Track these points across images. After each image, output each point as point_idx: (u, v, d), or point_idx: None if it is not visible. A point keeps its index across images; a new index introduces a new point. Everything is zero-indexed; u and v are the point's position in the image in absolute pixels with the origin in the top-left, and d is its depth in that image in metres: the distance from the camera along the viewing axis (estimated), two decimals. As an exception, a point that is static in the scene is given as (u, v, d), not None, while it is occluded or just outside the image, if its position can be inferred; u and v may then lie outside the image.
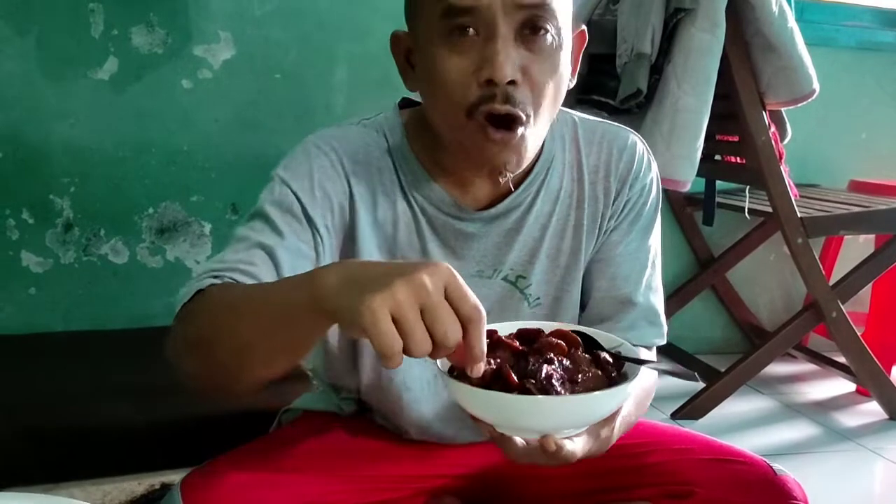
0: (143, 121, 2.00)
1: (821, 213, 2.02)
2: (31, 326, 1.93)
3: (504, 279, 1.00)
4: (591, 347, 0.80)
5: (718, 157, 2.20)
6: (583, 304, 1.05)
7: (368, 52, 2.09)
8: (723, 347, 2.57)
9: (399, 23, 0.93)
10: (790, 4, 1.85)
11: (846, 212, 2.05)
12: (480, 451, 1.04)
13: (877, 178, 2.53)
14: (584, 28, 0.94)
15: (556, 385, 0.72)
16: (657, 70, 1.88)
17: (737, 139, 2.04)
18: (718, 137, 2.10)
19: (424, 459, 1.05)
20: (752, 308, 2.64)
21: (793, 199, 1.95)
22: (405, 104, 1.01)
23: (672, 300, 2.42)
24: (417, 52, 0.90)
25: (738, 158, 2.13)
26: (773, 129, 1.95)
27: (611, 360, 0.78)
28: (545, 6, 0.84)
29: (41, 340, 1.85)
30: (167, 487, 1.30)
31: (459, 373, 0.73)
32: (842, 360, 2.22)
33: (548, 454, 0.72)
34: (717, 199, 2.19)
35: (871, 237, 2.37)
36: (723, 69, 1.83)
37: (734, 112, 1.91)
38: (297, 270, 0.87)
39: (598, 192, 1.01)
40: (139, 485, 1.33)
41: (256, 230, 0.89)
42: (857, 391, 2.29)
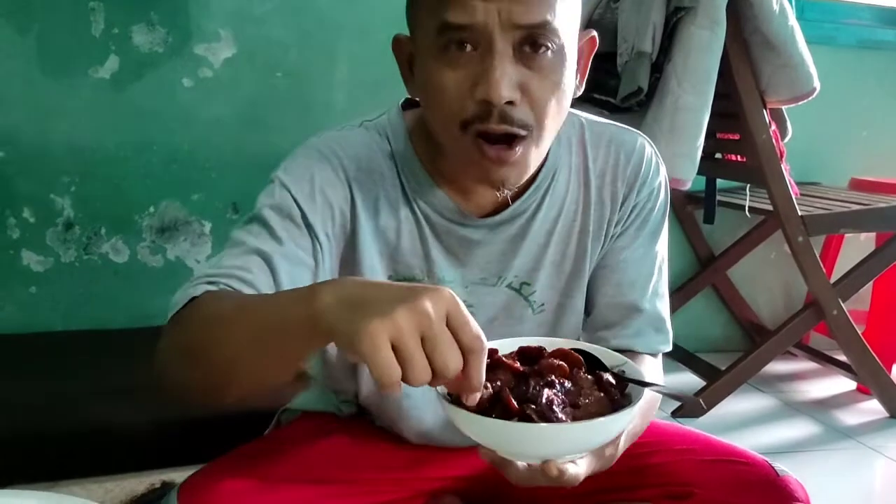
0: (144, 120, 2.00)
1: (821, 212, 2.02)
2: (32, 325, 1.94)
3: (508, 286, 0.99)
4: (594, 366, 0.78)
5: (719, 156, 2.20)
6: (588, 310, 1.03)
7: (369, 51, 2.09)
8: (723, 346, 2.56)
9: (399, 21, 0.93)
10: (790, 2, 1.85)
11: (847, 210, 2.05)
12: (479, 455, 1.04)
13: (877, 177, 2.53)
14: (595, 34, 0.92)
15: (558, 411, 0.70)
16: (658, 68, 1.88)
17: (737, 137, 2.03)
18: (719, 136, 2.10)
19: (424, 461, 1.05)
20: (753, 306, 2.64)
21: (793, 198, 1.95)
22: (407, 104, 1.00)
23: (673, 298, 2.38)
24: (418, 61, 0.88)
25: (739, 157, 2.13)
26: (774, 128, 1.94)
27: (614, 382, 0.76)
28: (545, 24, 0.80)
29: (42, 339, 1.85)
30: (168, 486, 1.30)
31: (458, 398, 0.72)
32: (842, 359, 2.22)
33: (550, 479, 0.72)
34: (718, 198, 2.19)
35: (872, 235, 2.36)
36: (723, 67, 1.82)
37: (735, 110, 1.90)
38: (295, 278, 0.86)
39: (605, 197, 0.99)
40: (140, 483, 1.33)
41: (254, 235, 0.87)
42: (858, 389, 2.29)
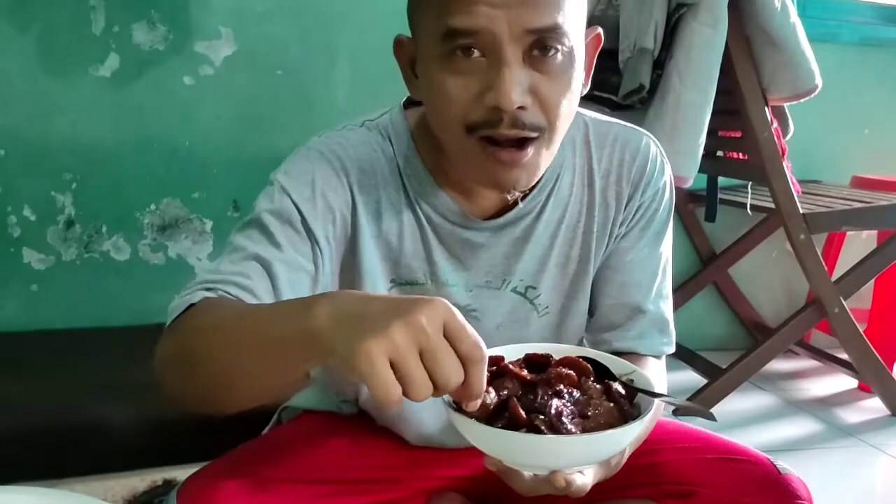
0: (145, 118, 2.00)
1: (823, 209, 2.02)
2: (33, 323, 1.93)
3: (514, 290, 0.98)
4: (602, 374, 0.77)
5: (721, 153, 2.19)
6: (590, 311, 1.03)
7: (370, 48, 2.08)
8: (725, 344, 2.56)
9: (401, 19, 0.92)
10: (792, 0, 1.85)
11: (848, 208, 2.05)
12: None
13: (879, 174, 2.52)
14: (600, 31, 0.91)
15: (566, 422, 0.69)
16: (659, 65, 1.88)
17: (739, 135, 2.03)
18: (721, 133, 2.10)
19: (426, 460, 1.05)
20: (755, 304, 2.63)
21: (795, 195, 1.95)
22: (409, 102, 0.98)
23: (674, 297, 2.36)
24: (421, 64, 0.86)
25: (741, 154, 2.12)
26: (776, 125, 1.94)
27: (623, 392, 0.75)
28: (555, 28, 0.79)
29: (43, 337, 1.85)
30: (169, 484, 1.30)
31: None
32: (844, 357, 2.22)
33: (557, 490, 0.71)
34: (720, 196, 2.19)
35: (874, 233, 2.36)
36: (725, 65, 1.82)
37: (736, 108, 1.90)
38: (295, 284, 0.85)
39: (609, 197, 0.98)
40: (141, 481, 1.33)
41: (254, 240, 0.86)
42: (860, 387, 2.29)
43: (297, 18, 2.07)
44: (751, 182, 2.19)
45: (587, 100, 2.05)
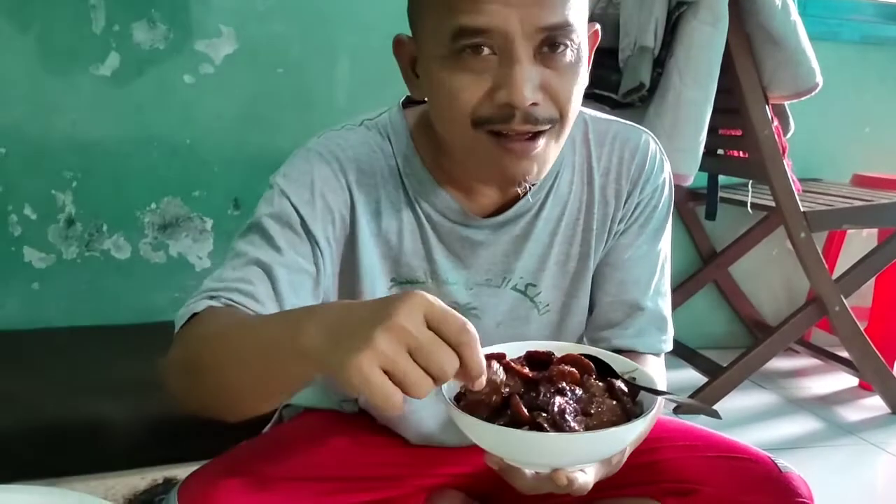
0: (145, 116, 2.00)
1: (824, 208, 2.02)
2: (34, 322, 1.93)
3: (514, 288, 0.98)
4: (604, 372, 0.76)
5: (721, 152, 2.19)
6: (590, 308, 1.03)
7: (370, 47, 2.08)
8: (725, 342, 2.56)
9: (400, 17, 0.92)
10: (793, -2, 1.85)
11: (849, 206, 2.05)
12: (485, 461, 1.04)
13: (880, 173, 2.52)
14: (598, 27, 0.91)
15: (570, 419, 0.68)
16: (660, 63, 1.87)
17: (739, 133, 2.03)
18: (721, 132, 2.10)
19: (426, 458, 1.05)
20: (755, 303, 2.63)
21: (796, 194, 1.95)
22: (407, 102, 0.99)
23: (674, 295, 2.37)
24: (422, 63, 0.86)
25: (741, 153, 2.12)
26: (776, 123, 1.94)
27: (626, 390, 0.74)
28: (566, 25, 0.80)
29: (44, 336, 1.85)
30: (169, 482, 1.30)
31: (466, 403, 0.71)
32: (844, 355, 2.22)
33: (558, 488, 0.71)
34: (720, 194, 2.19)
35: (874, 231, 2.36)
36: (726, 63, 1.82)
37: (737, 106, 1.90)
38: (296, 286, 0.86)
39: (609, 195, 0.98)
40: (142, 479, 1.33)
41: (255, 245, 0.87)
42: (860, 386, 2.29)
43: (298, 17, 2.07)
44: (751, 180, 2.19)
45: (587, 98, 2.05)
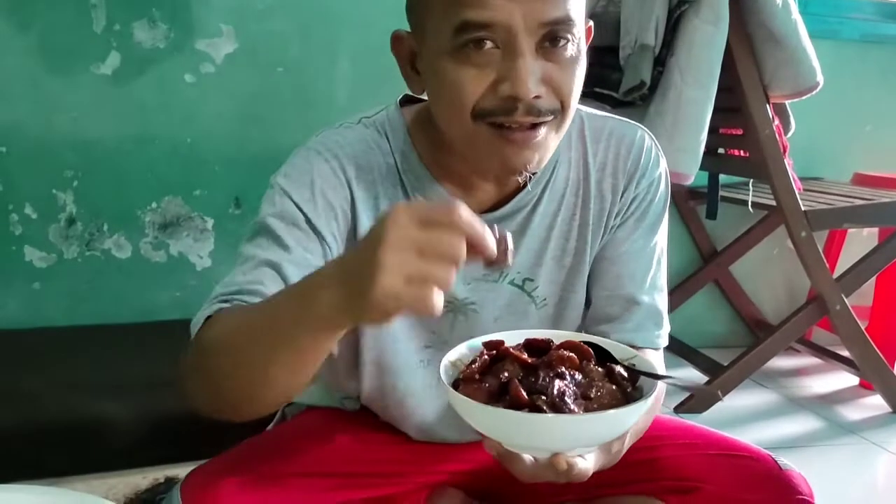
0: (146, 116, 2.00)
1: (824, 207, 2.02)
2: (35, 321, 1.94)
3: (511, 283, 0.99)
4: (604, 359, 0.76)
5: (722, 151, 2.19)
6: (587, 303, 1.03)
7: (371, 45, 2.08)
8: (726, 341, 2.56)
9: (401, 15, 0.92)
10: (794, -4, 1.85)
11: (850, 205, 2.05)
12: (485, 448, 1.04)
13: (881, 171, 2.52)
14: (591, 24, 0.92)
15: (569, 402, 0.68)
16: (661, 62, 1.87)
17: (740, 132, 2.03)
18: (722, 131, 2.10)
19: (428, 455, 1.05)
20: (756, 302, 2.63)
21: (796, 193, 1.95)
22: (405, 100, 0.99)
23: (675, 294, 2.41)
24: (423, 58, 0.87)
25: (742, 151, 2.12)
26: (777, 122, 1.94)
27: (625, 374, 0.74)
28: (568, 19, 0.81)
29: (45, 335, 1.85)
30: (171, 481, 1.30)
31: (465, 388, 0.71)
32: (845, 354, 2.22)
33: (558, 473, 0.71)
34: (721, 193, 2.19)
35: (875, 230, 2.36)
36: (726, 62, 1.82)
37: (738, 105, 1.90)
38: None
39: (605, 190, 0.99)
40: (143, 479, 1.33)
41: (262, 247, 0.88)
42: (861, 385, 2.28)
43: (298, 16, 2.07)
44: (752, 179, 2.19)
45: (588, 96, 2.06)
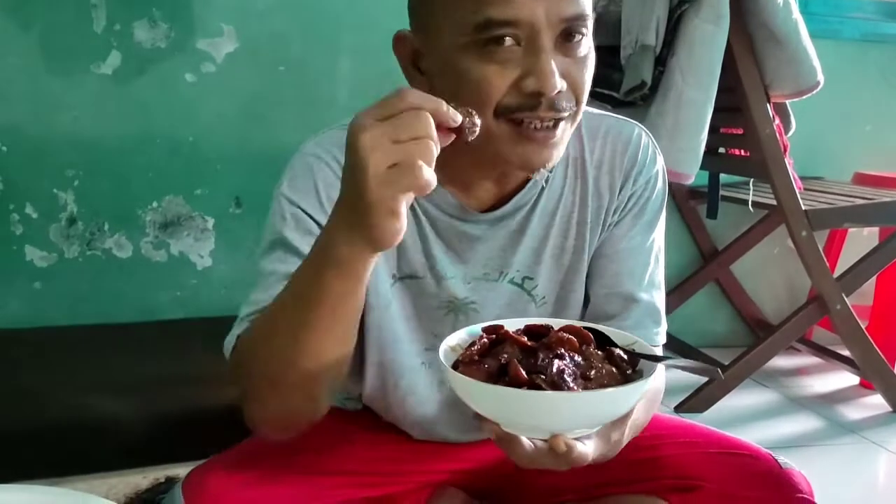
0: (147, 115, 2.00)
1: (825, 206, 2.02)
2: (36, 321, 1.93)
3: (511, 282, 0.99)
4: (604, 344, 0.76)
5: (722, 150, 2.19)
6: (585, 301, 1.03)
7: (372, 44, 2.08)
8: (726, 341, 2.56)
9: (402, 15, 0.92)
10: (794, -4, 1.85)
11: (850, 204, 2.05)
12: (486, 446, 1.04)
13: (881, 171, 2.52)
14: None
15: (569, 381, 0.68)
16: (661, 62, 1.87)
17: (741, 132, 2.03)
18: (722, 130, 2.10)
19: (429, 454, 1.05)
20: (756, 301, 2.63)
21: (797, 192, 1.95)
22: None
23: (675, 293, 2.42)
24: (431, 57, 0.88)
25: (743, 151, 2.12)
26: (778, 122, 1.94)
27: (625, 357, 0.74)
28: (584, 15, 0.84)
29: (45, 335, 1.85)
30: (172, 481, 1.30)
31: (464, 369, 0.71)
32: (846, 353, 2.22)
33: (557, 456, 0.70)
34: (721, 192, 2.19)
35: (876, 230, 2.36)
36: (727, 61, 1.82)
37: (738, 105, 1.90)
38: None
39: (602, 187, 0.99)
40: (144, 478, 1.33)
41: (281, 260, 0.89)
42: (861, 384, 2.28)
43: (299, 14, 2.07)
44: (753, 179, 2.19)
45: (589, 97, 2.06)
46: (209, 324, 1.94)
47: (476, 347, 0.75)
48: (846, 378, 2.34)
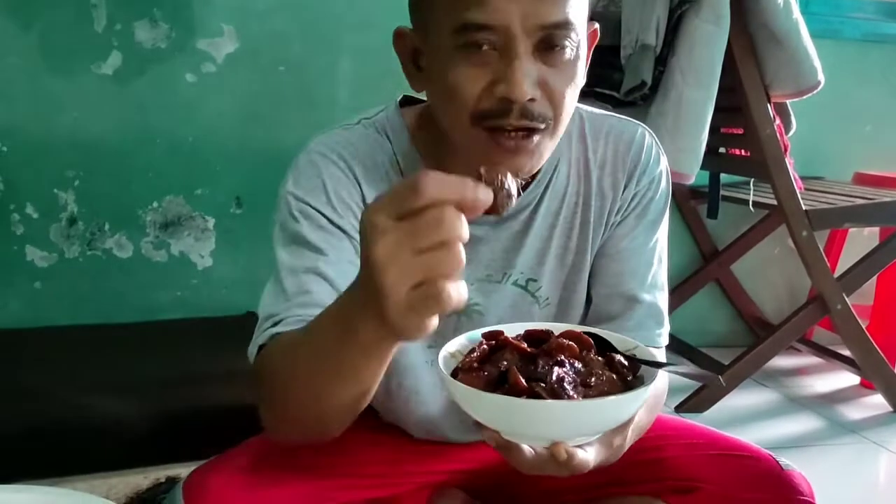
0: (147, 115, 2.00)
1: (825, 206, 2.02)
2: (36, 321, 1.93)
3: (514, 284, 0.99)
4: (604, 350, 0.76)
5: (723, 150, 2.19)
6: (587, 302, 1.03)
7: (372, 44, 2.08)
8: (727, 341, 2.56)
9: (402, 14, 0.92)
10: (795, -4, 1.85)
11: (851, 204, 2.05)
12: (486, 447, 1.03)
13: (882, 171, 2.52)
14: (597, 26, 0.92)
15: (569, 389, 0.67)
16: (662, 62, 1.87)
17: (741, 132, 2.03)
18: (723, 130, 2.10)
19: (430, 455, 1.05)
20: (757, 301, 2.63)
21: (797, 192, 1.95)
22: (405, 101, 0.99)
23: (676, 293, 2.41)
24: (425, 56, 0.87)
25: (743, 151, 2.12)
26: (778, 122, 1.94)
27: (626, 363, 0.73)
28: (566, 23, 0.81)
29: (46, 335, 1.85)
30: (172, 481, 1.30)
31: (463, 377, 0.71)
32: (846, 353, 2.22)
33: (558, 463, 0.70)
34: (722, 192, 2.19)
35: (876, 230, 2.36)
36: (727, 61, 1.82)
37: (739, 104, 1.90)
38: (349, 277, 0.84)
39: (605, 187, 0.99)
40: (144, 478, 1.33)
41: (298, 256, 0.88)
42: (862, 384, 2.28)
43: (299, 15, 2.07)
44: (753, 179, 2.19)
45: (589, 96, 2.06)
46: (209, 324, 1.97)
47: (476, 354, 0.74)
48: (846, 378, 2.34)
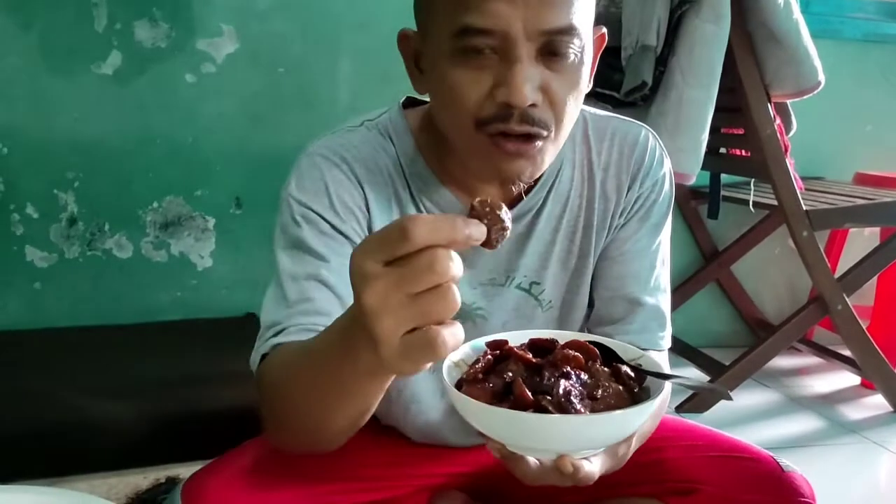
0: (147, 115, 2.00)
1: (826, 206, 2.02)
2: (36, 321, 1.94)
3: (518, 287, 0.99)
4: (609, 359, 0.75)
5: (723, 150, 2.19)
6: (590, 304, 1.03)
7: (373, 45, 2.08)
8: (727, 341, 2.56)
9: (403, 15, 0.92)
10: (795, -4, 1.84)
11: (851, 204, 2.04)
12: (485, 450, 1.03)
13: (882, 171, 2.52)
14: (605, 30, 0.91)
15: (576, 402, 0.66)
16: (662, 62, 1.87)
17: (742, 132, 2.03)
18: (723, 130, 2.10)
19: (429, 457, 1.05)
20: (757, 301, 2.63)
21: (798, 192, 1.95)
22: (408, 102, 0.99)
23: (676, 294, 2.41)
24: (427, 58, 0.87)
25: (744, 151, 2.12)
26: (779, 122, 1.94)
27: (632, 375, 0.73)
28: (570, 29, 0.80)
29: (46, 335, 1.85)
30: (172, 481, 1.30)
31: (468, 389, 0.70)
32: (847, 354, 2.22)
33: (563, 476, 0.69)
34: (722, 193, 2.19)
35: (877, 230, 2.36)
36: (728, 62, 1.82)
37: (739, 105, 1.90)
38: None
39: (609, 190, 0.99)
40: (144, 478, 1.33)
41: (299, 262, 0.88)
42: (862, 384, 2.28)
43: (299, 15, 2.07)
44: (753, 179, 2.19)
45: (589, 97, 2.05)
46: (209, 324, 1.97)
47: (480, 365, 0.73)
48: (847, 378, 2.34)
